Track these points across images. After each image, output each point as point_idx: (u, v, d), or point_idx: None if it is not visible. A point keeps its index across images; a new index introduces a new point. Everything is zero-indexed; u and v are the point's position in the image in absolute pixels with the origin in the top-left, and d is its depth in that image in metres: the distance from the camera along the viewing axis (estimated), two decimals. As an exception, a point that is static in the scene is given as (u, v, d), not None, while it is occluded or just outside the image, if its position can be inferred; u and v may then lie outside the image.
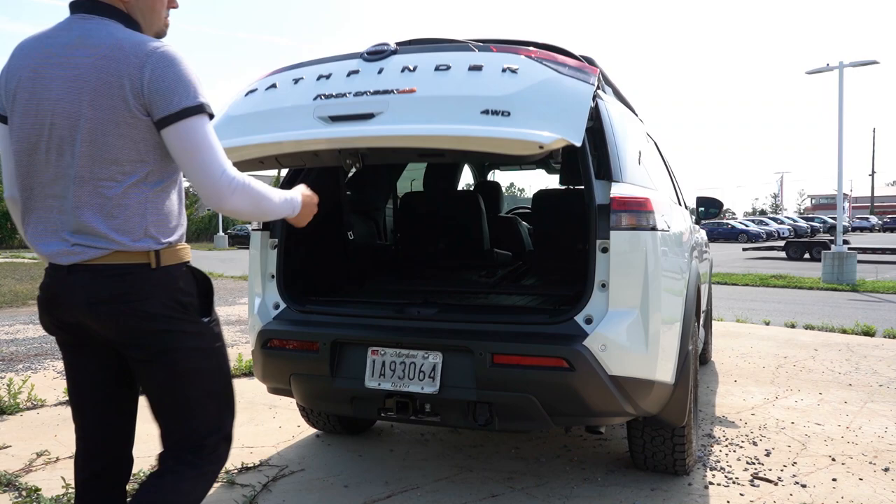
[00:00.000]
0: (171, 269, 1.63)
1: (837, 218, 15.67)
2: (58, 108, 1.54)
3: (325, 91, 2.48)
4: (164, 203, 1.63)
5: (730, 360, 5.84)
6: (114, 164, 1.55)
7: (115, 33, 1.55)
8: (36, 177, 1.59)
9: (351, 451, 3.46)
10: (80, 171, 1.54)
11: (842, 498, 2.87)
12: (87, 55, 1.53)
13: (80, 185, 1.55)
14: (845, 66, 15.02)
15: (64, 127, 1.54)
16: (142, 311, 1.58)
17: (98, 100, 1.52)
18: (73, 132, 1.54)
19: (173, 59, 1.54)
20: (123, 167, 1.55)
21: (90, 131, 1.53)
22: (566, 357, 2.36)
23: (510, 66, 2.33)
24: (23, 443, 3.53)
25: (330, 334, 2.67)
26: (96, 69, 1.52)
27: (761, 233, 37.87)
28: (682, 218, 3.34)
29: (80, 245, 1.56)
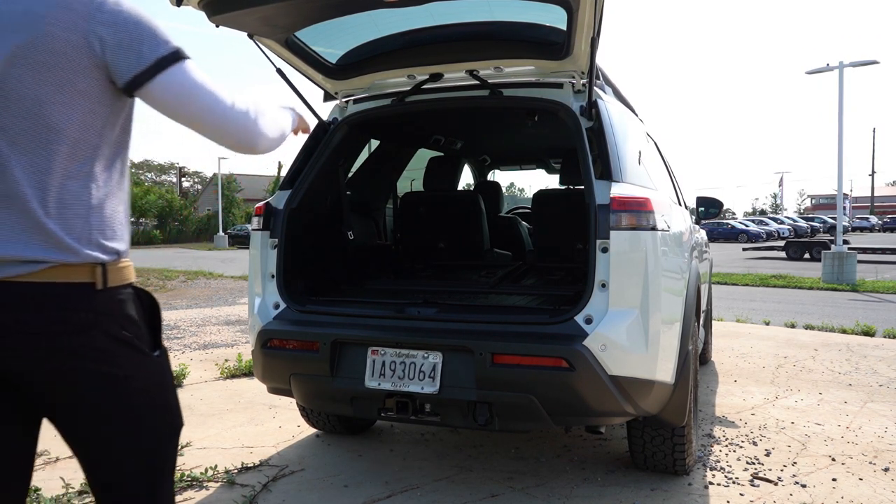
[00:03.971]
0: (117, 290, 1.29)
1: (837, 218, 15.68)
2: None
3: None
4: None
5: (730, 360, 5.84)
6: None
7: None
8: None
9: (351, 451, 3.46)
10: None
11: (842, 498, 2.87)
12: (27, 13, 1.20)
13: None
14: (845, 66, 15.02)
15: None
16: (81, 345, 1.23)
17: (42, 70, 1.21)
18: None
19: (131, 6, 1.27)
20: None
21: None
22: (566, 357, 2.36)
23: None
24: (23, 443, 3.52)
25: (330, 334, 2.67)
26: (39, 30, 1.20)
27: (761, 233, 37.86)
28: (682, 218, 3.34)
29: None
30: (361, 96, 3.26)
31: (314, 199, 3.17)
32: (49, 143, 1.22)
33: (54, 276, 1.22)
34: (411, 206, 4.29)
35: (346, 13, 2.66)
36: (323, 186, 3.28)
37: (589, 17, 2.47)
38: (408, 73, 3.09)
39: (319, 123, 3.22)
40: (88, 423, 1.29)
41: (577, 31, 2.58)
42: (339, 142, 3.19)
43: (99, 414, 1.28)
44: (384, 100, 3.18)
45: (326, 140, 3.17)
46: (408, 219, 4.29)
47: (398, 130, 4.10)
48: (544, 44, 2.80)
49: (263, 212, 2.97)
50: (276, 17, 2.57)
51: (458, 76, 3.07)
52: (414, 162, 4.59)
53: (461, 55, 2.94)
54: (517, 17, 2.81)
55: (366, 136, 3.75)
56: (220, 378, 5.08)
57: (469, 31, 2.86)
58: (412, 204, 4.30)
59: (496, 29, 2.85)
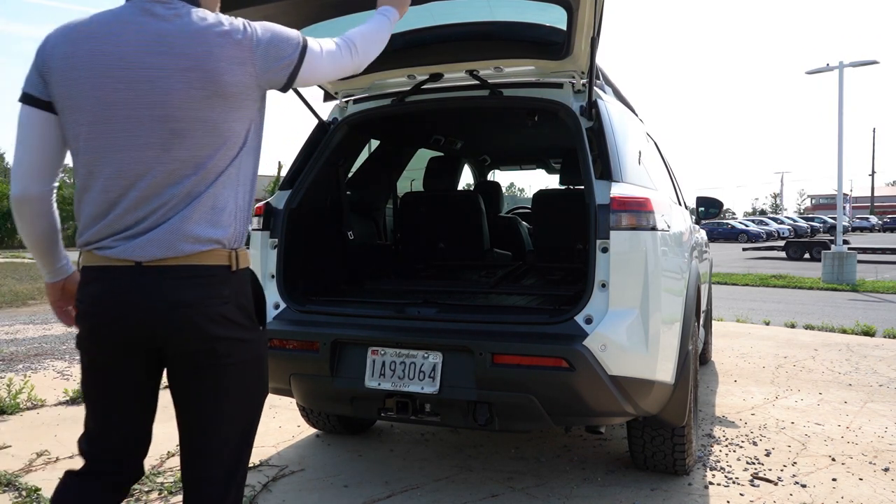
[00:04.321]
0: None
1: (837, 218, 15.68)
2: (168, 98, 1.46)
3: None
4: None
5: (730, 360, 5.84)
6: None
7: (217, 16, 1.52)
8: None
9: (351, 451, 3.46)
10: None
11: (842, 498, 2.87)
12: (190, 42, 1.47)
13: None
14: (845, 66, 15.03)
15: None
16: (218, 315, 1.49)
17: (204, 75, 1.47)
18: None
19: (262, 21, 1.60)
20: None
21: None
22: (566, 357, 2.36)
23: None
24: (23, 443, 3.53)
25: (330, 334, 2.67)
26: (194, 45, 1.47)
27: (761, 233, 37.87)
28: (682, 218, 3.34)
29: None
30: (361, 96, 3.26)
31: (314, 199, 3.17)
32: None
33: (210, 259, 1.49)
34: (411, 206, 4.29)
35: (345, 13, 2.66)
36: (323, 186, 3.28)
37: (589, 17, 2.47)
38: (408, 73, 3.09)
39: (319, 123, 3.22)
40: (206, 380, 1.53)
41: (577, 31, 2.58)
42: (339, 142, 3.19)
43: (218, 375, 1.53)
44: (384, 100, 3.18)
45: (326, 140, 3.17)
46: (408, 219, 4.29)
47: (398, 130, 4.10)
48: (544, 44, 2.80)
49: (263, 212, 2.97)
50: (276, 18, 2.57)
51: (458, 76, 3.07)
52: (414, 162, 4.59)
53: (461, 55, 2.94)
54: (517, 17, 2.81)
55: (366, 136, 3.75)
56: (220, 378, 5.07)
57: (469, 31, 2.86)
58: (412, 204, 4.30)
59: (496, 29, 2.85)
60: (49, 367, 5.47)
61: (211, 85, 1.45)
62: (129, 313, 1.45)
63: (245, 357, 1.55)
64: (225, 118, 1.48)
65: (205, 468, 1.57)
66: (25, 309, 9.53)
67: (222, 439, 1.56)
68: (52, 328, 7.63)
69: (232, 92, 1.48)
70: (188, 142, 1.45)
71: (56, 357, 5.90)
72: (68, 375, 5.17)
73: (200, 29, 1.45)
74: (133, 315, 1.45)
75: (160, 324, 1.45)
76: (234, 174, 1.52)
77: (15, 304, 9.98)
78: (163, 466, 3.14)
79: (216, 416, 1.55)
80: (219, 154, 1.49)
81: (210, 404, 1.54)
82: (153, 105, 1.43)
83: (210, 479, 1.56)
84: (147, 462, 3.20)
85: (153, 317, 1.45)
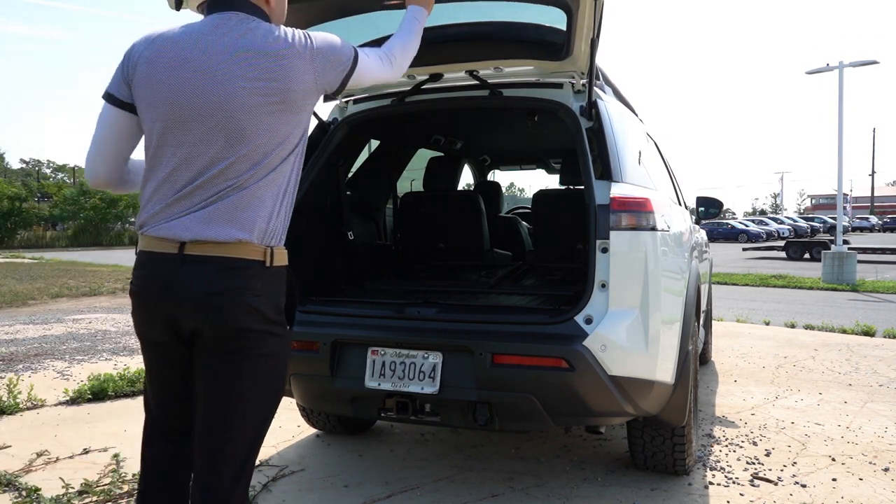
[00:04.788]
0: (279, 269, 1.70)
1: (837, 218, 15.68)
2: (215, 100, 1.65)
3: None
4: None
5: (730, 360, 5.84)
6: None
7: (271, 27, 1.68)
8: None
9: (351, 451, 3.46)
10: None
11: (842, 498, 2.87)
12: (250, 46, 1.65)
13: None
14: (845, 66, 15.02)
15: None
16: (251, 309, 1.62)
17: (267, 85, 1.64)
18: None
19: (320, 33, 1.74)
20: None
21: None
22: (566, 357, 2.36)
23: None
24: (23, 443, 3.53)
25: (330, 334, 2.67)
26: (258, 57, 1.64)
27: (761, 233, 37.86)
28: (682, 218, 3.34)
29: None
30: (361, 96, 3.26)
31: (314, 200, 3.17)
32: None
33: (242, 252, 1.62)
34: (411, 206, 4.29)
35: (345, 15, 2.66)
36: (323, 187, 3.28)
37: (588, 19, 2.47)
38: (408, 73, 3.09)
39: (319, 123, 3.22)
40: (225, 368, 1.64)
41: (577, 32, 2.58)
42: (339, 142, 3.19)
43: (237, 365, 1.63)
44: (384, 100, 3.18)
45: (326, 140, 3.16)
46: (408, 219, 4.29)
47: (398, 130, 4.10)
48: (544, 44, 2.80)
49: None
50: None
51: (458, 76, 3.07)
52: (414, 162, 4.59)
53: (461, 55, 2.94)
54: (517, 18, 2.81)
55: (366, 136, 3.75)
56: (220, 378, 5.07)
57: (469, 32, 2.86)
58: (412, 204, 4.30)
59: (496, 29, 2.85)
60: (49, 367, 5.47)
61: (276, 94, 1.62)
62: (168, 297, 1.61)
63: (269, 352, 1.66)
64: (285, 123, 1.65)
65: (219, 462, 1.65)
66: (25, 309, 9.54)
67: (238, 431, 1.65)
68: (52, 328, 7.63)
69: (294, 99, 1.65)
70: (248, 143, 1.61)
71: (56, 357, 5.90)
72: (68, 375, 5.18)
73: (268, 42, 1.62)
74: (172, 298, 1.60)
75: (194, 308, 1.59)
76: (281, 174, 1.68)
77: (15, 304, 9.99)
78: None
79: (235, 406, 1.64)
80: (273, 154, 1.65)
81: (231, 394, 1.63)
82: (219, 107, 1.60)
83: (222, 475, 1.64)
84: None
85: (189, 301, 1.59)
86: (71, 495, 2.78)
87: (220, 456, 1.64)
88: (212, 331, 1.61)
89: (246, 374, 1.63)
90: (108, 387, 4.45)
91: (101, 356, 5.98)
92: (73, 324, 7.99)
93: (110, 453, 3.34)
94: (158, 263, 1.62)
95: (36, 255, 26.02)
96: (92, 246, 35.28)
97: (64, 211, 39.05)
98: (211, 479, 1.64)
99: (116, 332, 7.41)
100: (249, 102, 1.60)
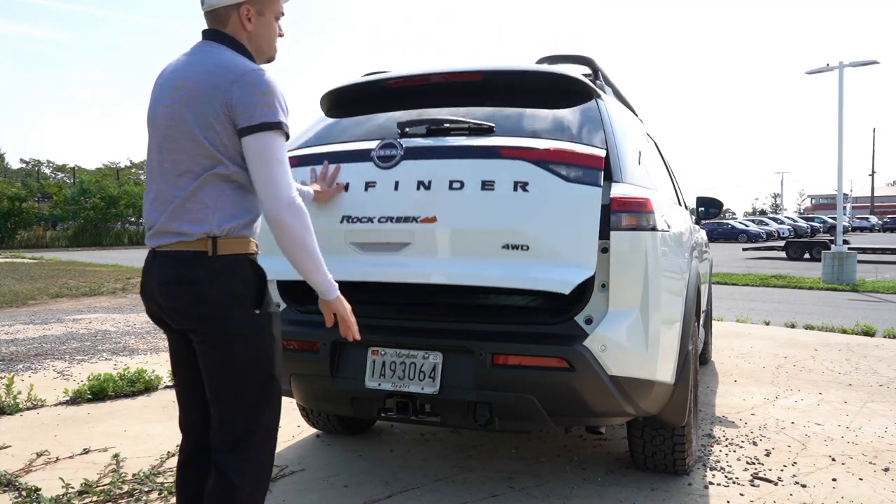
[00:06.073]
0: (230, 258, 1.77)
1: (837, 218, 15.68)
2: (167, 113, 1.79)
3: (351, 212, 2.56)
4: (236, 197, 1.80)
5: (730, 360, 5.84)
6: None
7: (231, 57, 1.77)
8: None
9: (351, 451, 3.46)
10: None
11: (842, 498, 2.87)
12: (199, 72, 1.76)
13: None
14: (845, 66, 15.02)
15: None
16: (198, 297, 1.74)
17: (200, 108, 1.73)
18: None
19: (264, 81, 1.73)
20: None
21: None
22: (566, 357, 2.36)
23: (520, 180, 2.38)
24: (23, 443, 3.53)
25: (330, 334, 2.67)
26: (199, 83, 1.73)
27: (761, 233, 37.86)
28: (682, 218, 3.34)
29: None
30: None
31: None
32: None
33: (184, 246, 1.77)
34: None
35: None
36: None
37: None
38: None
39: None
40: (209, 353, 1.80)
41: None
42: None
43: (214, 345, 1.78)
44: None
45: None
46: None
47: None
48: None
49: None
50: None
51: None
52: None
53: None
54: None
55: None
56: (220, 378, 5.07)
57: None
58: None
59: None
60: (49, 367, 5.47)
61: (198, 117, 1.73)
62: (144, 290, 1.86)
63: (230, 334, 1.75)
64: (224, 141, 1.74)
65: (214, 434, 1.83)
66: (25, 309, 9.54)
67: (224, 412, 1.80)
68: (52, 328, 7.63)
69: (208, 122, 1.73)
70: (184, 161, 1.75)
71: (56, 357, 5.90)
72: (68, 375, 5.18)
73: (209, 69, 1.73)
74: (146, 292, 1.85)
75: (158, 299, 1.79)
76: (216, 180, 1.75)
77: (15, 304, 9.99)
78: (163, 466, 3.14)
79: (213, 390, 1.81)
80: (203, 166, 1.74)
81: (209, 379, 1.81)
82: (169, 131, 1.76)
83: (217, 449, 1.81)
84: (147, 462, 3.21)
85: (154, 293, 1.80)
86: (71, 495, 2.77)
87: (215, 428, 1.83)
88: (175, 320, 1.79)
89: (219, 356, 1.77)
90: (108, 387, 4.45)
91: (101, 356, 5.98)
92: (73, 324, 7.99)
93: (110, 453, 3.34)
94: (145, 262, 1.87)
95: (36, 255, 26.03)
96: (92, 246, 35.29)
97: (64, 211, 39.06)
98: (212, 449, 1.83)
99: (116, 332, 7.41)
100: (186, 123, 1.75)
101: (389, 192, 2.52)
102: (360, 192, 2.57)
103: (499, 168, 2.42)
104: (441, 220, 2.44)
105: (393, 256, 2.52)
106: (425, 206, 2.46)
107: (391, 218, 2.50)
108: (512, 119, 2.68)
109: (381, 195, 2.53)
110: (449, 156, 2.49)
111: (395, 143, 2.56)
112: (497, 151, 2.44)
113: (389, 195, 2.52)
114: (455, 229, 2.45)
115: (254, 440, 1.80)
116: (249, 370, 1.79)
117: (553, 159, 2.39)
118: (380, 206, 2.53)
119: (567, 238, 2.35)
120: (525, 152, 2.41)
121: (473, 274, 2.40)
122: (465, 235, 2.44)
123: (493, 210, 2.40)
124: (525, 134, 2.59)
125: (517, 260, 2.37)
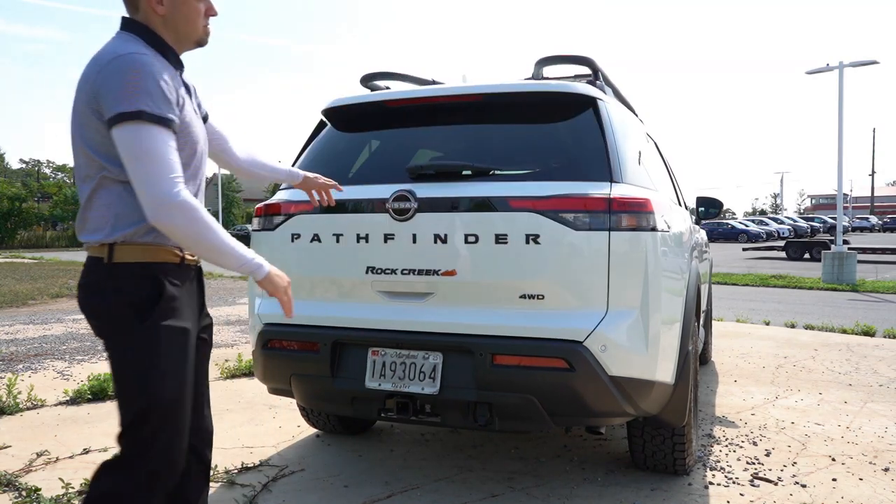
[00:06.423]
0: (122, 266, 1.67)
1: (837, 218, 15.68)
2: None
3: (375, 263, 2.64)
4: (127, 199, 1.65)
5: (730, 360, 5.84)
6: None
7: (113, 45, 1.63)
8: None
9: (351, 451, 3.46)
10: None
11: (842, 498, 2.87)
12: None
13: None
14: (845, 66, 15.03)
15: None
16: (93, 303, 1.70)
17: (76, 105, 1.64)
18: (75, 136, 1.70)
19: (127, 66, 1.54)
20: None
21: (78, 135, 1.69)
22: (566, 357, 2.36)
23: (532, 233, 2.43)
24: (23, 443, 3.53)
25: (330, 335, 2.67)
26: (79, 80, 1.64)
27: (761, 233, 37.86)
28: (682, 218, 3.34)
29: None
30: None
31: None
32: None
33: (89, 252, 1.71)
34: None
35: None
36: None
37: None
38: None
39: (320, 123, 3.22)
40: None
41: None
42: None
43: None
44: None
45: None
46: None
47: None
48: None
49: (263, 213, 2.97)
50: None
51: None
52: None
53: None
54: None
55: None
56: (221, 378, 5.08)
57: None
58: None
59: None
60: (49, 367, 5.47)
61: (77, 116, 1.64)
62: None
63: (113, 343, 1.70)
64: (98, 139, 1.62)
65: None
66: (25, 309, 9.54)
67: (119, 401, 1.71)
68: (52, 328, 7.63)
69: (83, 121, 1.63)
70: (81, 166, 1.68)
71: (56, 357, 5.90)
72: (68, 375, 5.18)
73: (89, 62, 1.62)
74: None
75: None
76: (108, 183, 1.65)
77: (15, 304, 9.99)
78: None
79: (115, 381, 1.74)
80: (93, 168, 1.65)
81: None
82: (71, 137, 1.69)
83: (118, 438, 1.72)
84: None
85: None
86: (71, 495, 2.77)
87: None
88: (88, 321, 1.76)
89: (113, 356, 1.70)
90: (108, 387, 4.45)
91: (101, 356, 5.98)
92: (73, 324, 7.99)
93: (110, 453, 3.33)
94: None
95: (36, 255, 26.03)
96: (92, 246, 35.21)
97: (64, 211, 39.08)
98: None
99: (116, 332, 7.40)
100: (78, 122, 1.68)
101: (409, 245, 2.59)
102: (380, 244, 2.64)
103: (510, 221, 2.46)
104: (461, 273, 2.52)
105: (420, 305, 2.61)
106: (445, 259, 2.54)
107: (413, 270, 2.59)
108: (515, 143, 2.74)
109: (402, 247, 2.60)
110: (461, 209, 2.54)
111: (407, 194, 2.58)
112: (507, 202, 2.48)
113: (409, 247, 2.59)
114: (475, 282, 2.51)
115: (138, 436, 1.68)
116: (123, 385, 1.68)
117: (560, 208, 2.43)
118: (401, 259, 2.60)
119: (579, 284, 2.42)
120: (533, 203, 2.44)
121: (495, 325, 2.48)
122: (484, 287, 2.52)
123: (509, 263, 2.47)
124: (530, 164, 2.65)
125: (534, 310, 2.46)
